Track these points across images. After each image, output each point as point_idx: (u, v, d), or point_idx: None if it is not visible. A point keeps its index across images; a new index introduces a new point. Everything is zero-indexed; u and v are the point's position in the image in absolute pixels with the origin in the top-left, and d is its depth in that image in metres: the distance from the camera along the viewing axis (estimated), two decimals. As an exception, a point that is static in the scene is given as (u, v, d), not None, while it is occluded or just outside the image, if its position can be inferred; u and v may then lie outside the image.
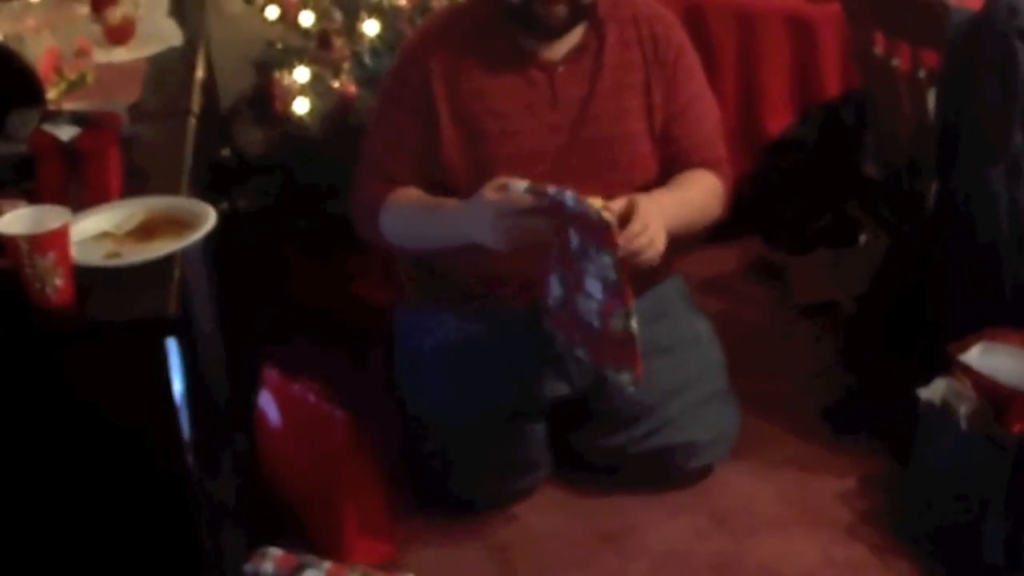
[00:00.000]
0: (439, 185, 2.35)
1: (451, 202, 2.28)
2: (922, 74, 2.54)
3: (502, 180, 2.15)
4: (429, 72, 2.33)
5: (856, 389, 2.73)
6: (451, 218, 2.26)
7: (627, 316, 2.10)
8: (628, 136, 2.37)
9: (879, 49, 2.66)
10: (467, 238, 2.21)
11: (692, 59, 2.45)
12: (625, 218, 2.11)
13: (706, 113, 2.46)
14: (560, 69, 2.33)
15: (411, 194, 2.35)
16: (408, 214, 2.35)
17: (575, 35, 2.34)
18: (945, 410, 2.27)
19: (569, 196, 2.06)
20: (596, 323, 2.16)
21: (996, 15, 2.33)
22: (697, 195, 2.39)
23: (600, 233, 2.05)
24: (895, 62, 2.62)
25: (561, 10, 2.25)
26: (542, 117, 2.33)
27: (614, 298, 2.10)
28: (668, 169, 2.41)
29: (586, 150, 2.32)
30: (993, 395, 2.24)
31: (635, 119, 2.37)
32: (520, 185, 2.13)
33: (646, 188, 2.32)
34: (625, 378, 2.19)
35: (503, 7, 2.29)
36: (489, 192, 2.15)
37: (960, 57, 2.40)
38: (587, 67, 2.34)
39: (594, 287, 2.12)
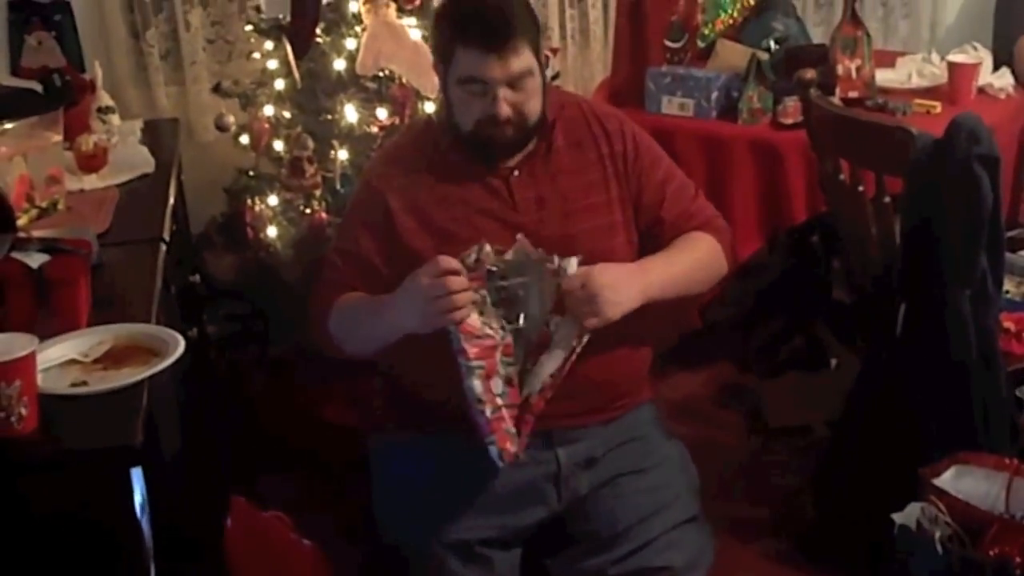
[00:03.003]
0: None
1: (387, 296, 2.29)
2: (888, 200, 2.57)
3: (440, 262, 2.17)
4: (385, 190, 2.36)
5: (830, 514, 2.70)
6: (385, 306, 2.27)
7: (473, 369, 2.15)
8: (595, 232, 2.39)
9: (845, 176, 2.70)
10: (402, 327, 2.22)
11: (651, 146, 2.49)
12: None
13: (683, 189, 2.50)
14: (515, 174, 2.37)
15: (356, 295, 2.36)
16: (350, 314, 2.36)
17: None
18: (920, 535, 2.25)
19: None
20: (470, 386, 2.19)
21: (957, 141, 2.37)
22: (690, 253, 2.43)
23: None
24: (861, 188, 2.65)
25: (509, 131, 2.30)
26: (505, 219, 2.36)
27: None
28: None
29: (552, 248, 2.34)
30: (968, 520, 2.22)
31: (600, 215, 2.40)
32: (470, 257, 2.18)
33: None
34: (493, 451, 2.20)
35: (454, 135, 2.34)
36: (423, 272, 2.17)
37: (923, 182, 2.43)
38: (540, 170, 2.39)
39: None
